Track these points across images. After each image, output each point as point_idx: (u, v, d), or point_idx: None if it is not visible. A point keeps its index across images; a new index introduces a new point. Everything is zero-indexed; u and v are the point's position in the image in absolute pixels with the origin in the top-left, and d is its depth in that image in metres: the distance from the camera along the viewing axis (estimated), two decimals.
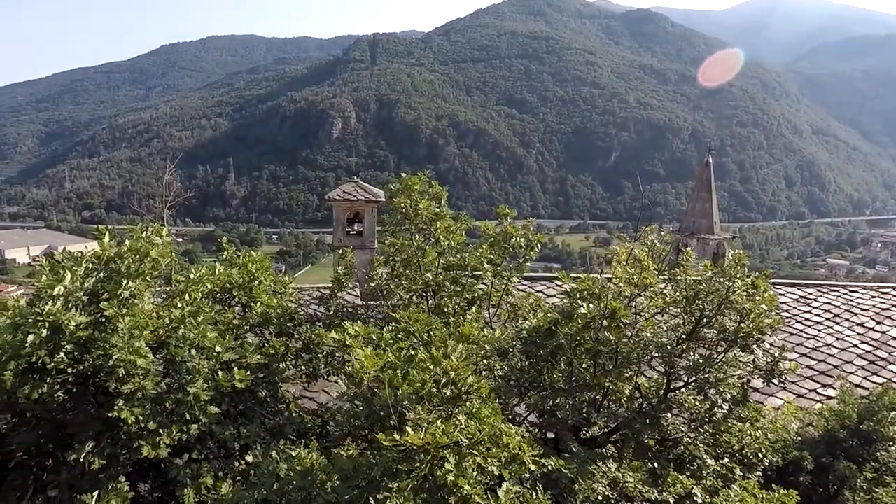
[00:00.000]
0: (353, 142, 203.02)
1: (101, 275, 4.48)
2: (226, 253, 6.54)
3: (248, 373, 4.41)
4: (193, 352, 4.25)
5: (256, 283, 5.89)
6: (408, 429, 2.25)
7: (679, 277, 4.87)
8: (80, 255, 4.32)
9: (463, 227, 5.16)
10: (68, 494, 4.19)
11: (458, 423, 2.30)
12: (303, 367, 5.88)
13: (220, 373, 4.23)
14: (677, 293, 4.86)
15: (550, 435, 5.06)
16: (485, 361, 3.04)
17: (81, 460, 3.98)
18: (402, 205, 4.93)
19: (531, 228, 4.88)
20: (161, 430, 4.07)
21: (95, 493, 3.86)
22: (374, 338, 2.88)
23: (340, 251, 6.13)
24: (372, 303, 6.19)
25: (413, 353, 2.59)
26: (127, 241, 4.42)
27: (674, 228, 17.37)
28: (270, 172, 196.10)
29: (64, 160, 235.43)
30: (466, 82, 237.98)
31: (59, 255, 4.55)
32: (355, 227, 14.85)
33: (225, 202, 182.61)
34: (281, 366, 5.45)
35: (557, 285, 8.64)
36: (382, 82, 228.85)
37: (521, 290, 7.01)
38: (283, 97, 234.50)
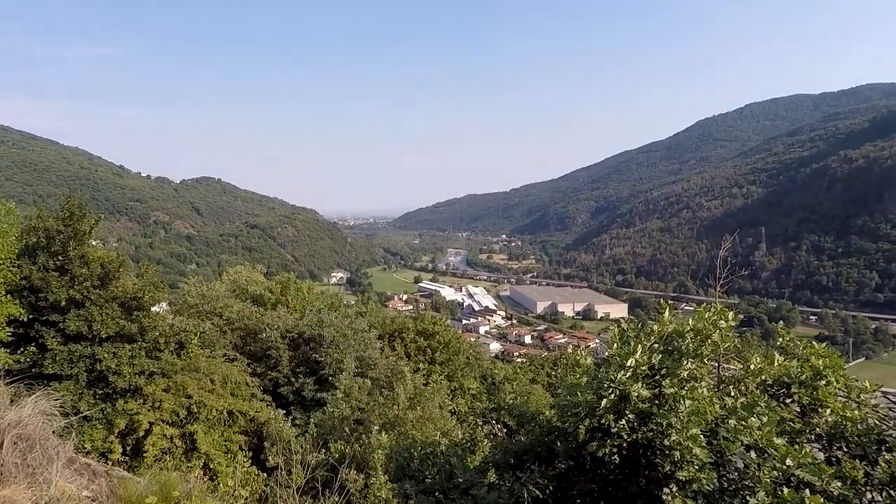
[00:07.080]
0: None
1: (661, 350, 4.83)
2: (780, 339, 6.00)
3: (823, 500, 3.73)
4: (753, 454, 3.94)
5: (824, 382, 5.09)
6: None
7: None
8: (649, 329, 4.76)
9: None
10: None
11: None
12: None
13: (785, 489, 3.75)
14: None
15: None
16: None
17: None
18: None
19: None
20: None
21: None
22: None
23: None
24: None
25: None
26: (690, 321, 4.59)
27: None
28: (811, 243, 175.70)
29: (606, 230, 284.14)
30: None
31: (626, 325, 5.17)
32: None
33: (753, 274, 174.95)
34: (857, 498, 4.43)
35: None
36: None
37: None
38: (833, 157, 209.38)
